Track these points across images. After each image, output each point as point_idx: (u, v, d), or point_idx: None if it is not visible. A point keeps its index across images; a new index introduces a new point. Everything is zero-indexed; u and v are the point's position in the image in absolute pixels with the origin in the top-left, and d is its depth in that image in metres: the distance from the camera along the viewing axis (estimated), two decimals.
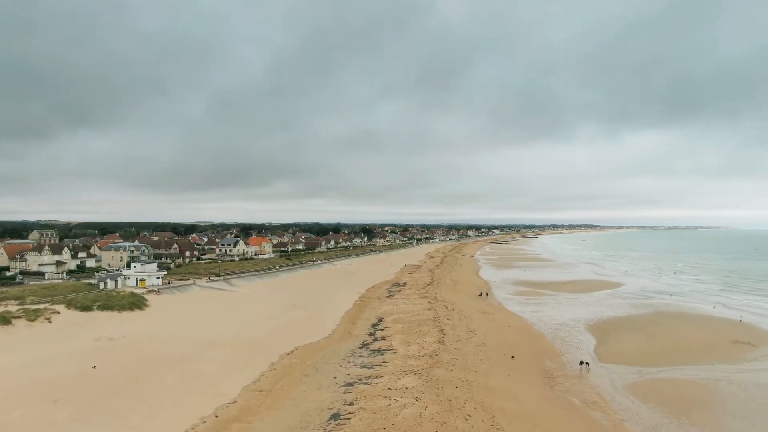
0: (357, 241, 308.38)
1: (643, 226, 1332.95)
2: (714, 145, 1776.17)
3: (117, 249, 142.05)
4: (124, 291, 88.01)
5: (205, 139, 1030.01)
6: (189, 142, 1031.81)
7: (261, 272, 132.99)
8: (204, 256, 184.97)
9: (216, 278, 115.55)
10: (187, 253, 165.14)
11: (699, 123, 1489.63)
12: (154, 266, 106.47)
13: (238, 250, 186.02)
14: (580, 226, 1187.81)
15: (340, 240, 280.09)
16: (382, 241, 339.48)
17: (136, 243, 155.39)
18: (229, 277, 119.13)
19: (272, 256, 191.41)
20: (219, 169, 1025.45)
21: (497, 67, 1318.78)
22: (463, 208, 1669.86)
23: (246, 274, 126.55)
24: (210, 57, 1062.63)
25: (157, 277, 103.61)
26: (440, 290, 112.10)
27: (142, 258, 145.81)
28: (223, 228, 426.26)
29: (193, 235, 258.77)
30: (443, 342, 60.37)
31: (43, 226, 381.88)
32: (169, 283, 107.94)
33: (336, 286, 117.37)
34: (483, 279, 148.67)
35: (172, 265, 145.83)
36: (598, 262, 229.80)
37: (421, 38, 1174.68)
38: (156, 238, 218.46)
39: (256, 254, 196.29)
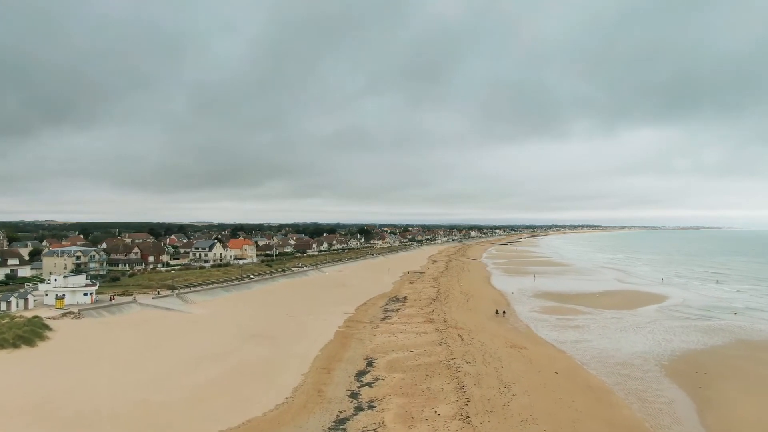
0: (353, 243, 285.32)
1: (645, 227, 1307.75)
2: (714, 143, 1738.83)
3: (60, 255, 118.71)
4: (21, 316, 64.70)
5: (193, 137, 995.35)
6: (177, 139, 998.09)
7: (230, 283, 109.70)
8: (175, 262, 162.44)
9: (169, 292, 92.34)
10: (151, 259, 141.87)
11: (699, 120, 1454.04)
12: (81, 279, 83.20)
13: (215, 255, 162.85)
14: (582, 226, 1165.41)
15: (334, 242, 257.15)
16: (380, 242, 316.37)
17: (84, 247, 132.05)
18: (186, 290, 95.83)
19: (255, 261, 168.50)
20: (212, 167, 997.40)
21: (488, 61, 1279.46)
22: (461, 207, 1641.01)
23: (210, 286, 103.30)
24: (185, 48, 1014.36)
25: (85, 294, 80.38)
26: (450, 308, 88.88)
27: (92, 265, 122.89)
28: (219, 228, 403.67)
29: (172, 237, 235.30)
30: (467, 417, 37.18)
31: (37, 227, 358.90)
32: (111, 299, 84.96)
33: (318, 302, 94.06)
34: (497, 290, 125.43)
35: (129, 273, 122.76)
36: (618, 266, 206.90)
37: (406, 29, 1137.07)
38: (132, 241, 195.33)
39: (236, 258, 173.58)
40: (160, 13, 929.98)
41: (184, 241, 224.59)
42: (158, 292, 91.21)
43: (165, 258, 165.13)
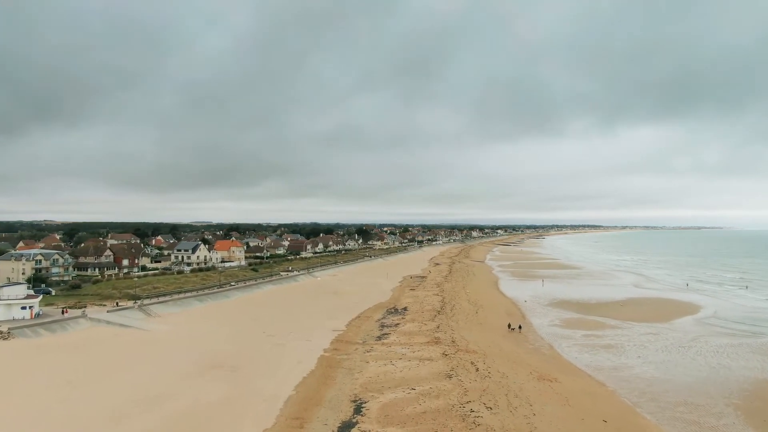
0: (351, 244, 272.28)
1: (646, 227, 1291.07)
2: (714, 141, 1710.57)
3: (18, 258, 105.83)
4: None
5: (188, 135, 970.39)
6: (171, 138, 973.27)
7: (206, 291, 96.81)
8: (156, 265, 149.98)
9: (131, 304, 79.48)
10: (126, 262, 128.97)
11: (698, 118, 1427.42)
12: (20, 289, 70.50)
13: (198, 258, 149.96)
14: (583, 226, 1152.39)
15: (330, 243, 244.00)
16: (379, 243, 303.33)
17: (46, 250, 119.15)
18: (153, 301, 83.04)
19: (243, 264, 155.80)
20: (209, 166, 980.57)
21: (481, 56, 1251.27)
22: (461, 207, 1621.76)
23: (183, 295, 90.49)
24: (170, 44, 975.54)
25: (24, 307, 67.55)
26: (457, 322, 76.04)
27: (55, 270, 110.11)
28: (219, 228, 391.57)
29: (158, 238, 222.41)
30: None
31: (33, 227, 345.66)
32: (63, 312, 72.37)
33: (305, 315, 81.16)
34: (508, 297, 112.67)
35: (94, 279, 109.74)
36: (631, 268, 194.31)
37: (395, 23, 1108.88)
38: (115, 242, 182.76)
39: (223, 261, 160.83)
40: (138, 7, 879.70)
41: (171, 242, 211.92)
42: (117, 304, 78.34)
43: (145, 261, 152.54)
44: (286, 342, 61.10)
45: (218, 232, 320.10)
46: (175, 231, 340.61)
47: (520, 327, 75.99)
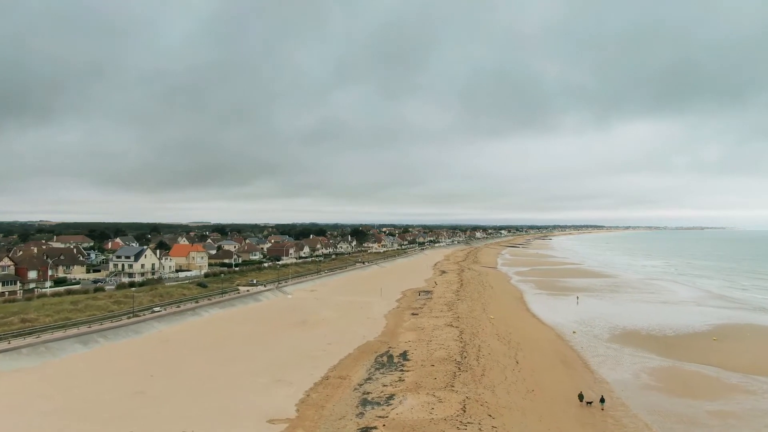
0: (343, 247, 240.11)
1: (649, 227, 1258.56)
2: (714, 138, 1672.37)
3: None
4: None
5: (169, 132, 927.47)
6: (153, 135, 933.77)
7: (106, 325, 64.94)
8: (90, 276, 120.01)
9: None
10: (33, 275, 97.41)
11: (697, 112, 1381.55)
12: None
13: (143, 266, 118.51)
14: (586, 226, 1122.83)
15: (318, 246, 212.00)
16: (375, 246, 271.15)
17: None
18: (11, 346, 51.51)
19: (200, 274, 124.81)
20: (196, 164, 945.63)
21: (467, 47, 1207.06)
22: (460, 207, 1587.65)
23: (63, 333, 58.88)
24: (121, 30, 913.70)
25: None
26: (494, 392, 44.43)
27: None
28: (215, 229, 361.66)
29: (116, 240, 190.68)
30: None
31: (27, 228, 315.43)
32: None
33: (234, 376, 49.31)
34: (546, 324, 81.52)
35: None
36: (672, 277, 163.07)
37: (373, 6, 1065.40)
38: (61, 245, 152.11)
39: (180, 270, 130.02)
40: None
41: (131, 245, 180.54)
42: None
43: (79, 271, 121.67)
44: None
45: (206, 233, 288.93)
46: (155, 231, 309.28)
47: (602, 400, 44.40)
